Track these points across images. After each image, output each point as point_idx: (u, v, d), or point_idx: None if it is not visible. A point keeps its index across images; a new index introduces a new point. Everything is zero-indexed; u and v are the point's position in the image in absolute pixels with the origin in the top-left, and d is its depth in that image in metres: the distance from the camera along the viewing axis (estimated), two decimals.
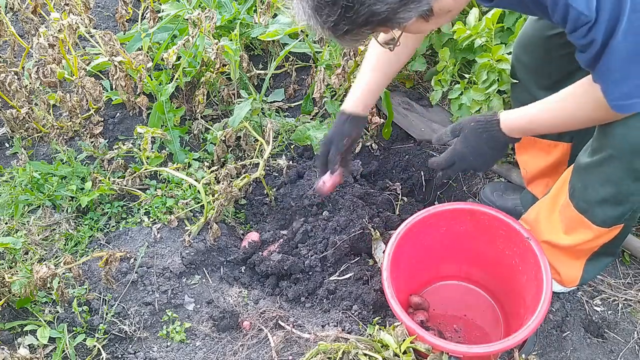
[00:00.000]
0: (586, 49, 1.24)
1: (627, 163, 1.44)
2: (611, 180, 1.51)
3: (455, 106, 2.23)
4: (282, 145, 2.42)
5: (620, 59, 1.18)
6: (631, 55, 1.17)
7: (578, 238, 1.69)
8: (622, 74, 1.21)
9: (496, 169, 2.32)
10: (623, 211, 1.58)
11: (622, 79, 1.22)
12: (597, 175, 1.53)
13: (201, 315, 1.87)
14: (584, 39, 1.21)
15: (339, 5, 1.13)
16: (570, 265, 1.79)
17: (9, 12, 2.52)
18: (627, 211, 1.58)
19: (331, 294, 1.92)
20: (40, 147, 2.38)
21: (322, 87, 2.35)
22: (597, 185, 1.55)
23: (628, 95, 1.24)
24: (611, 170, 1.49)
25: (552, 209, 1.77)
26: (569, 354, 1.82)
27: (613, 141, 1.43)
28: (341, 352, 1.57)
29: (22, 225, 2.06)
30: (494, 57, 1.93)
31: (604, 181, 1.52)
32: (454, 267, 1.95)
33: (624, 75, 1.21)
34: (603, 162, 1.49)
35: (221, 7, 2.60)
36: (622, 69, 1.20)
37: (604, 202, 1.56)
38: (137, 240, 2.02)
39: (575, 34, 1.22)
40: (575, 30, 1.21)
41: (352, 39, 1.23)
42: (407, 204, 2.25)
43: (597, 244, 1.71)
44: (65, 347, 1.74)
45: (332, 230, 2.02)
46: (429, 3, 1.20)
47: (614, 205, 1.56)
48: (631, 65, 1.19)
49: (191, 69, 2.39)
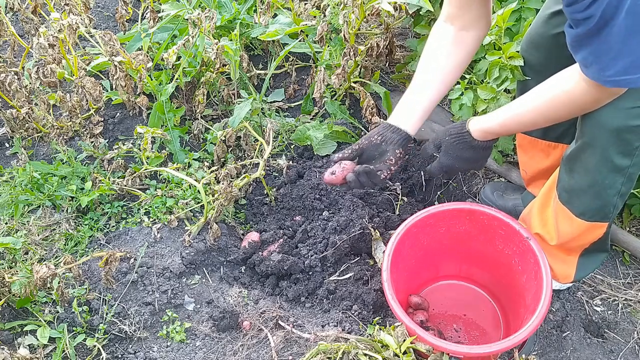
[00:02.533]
0: (579, 24, 1.22)
1: (603, 151, 1.48)
2: (588, 169, 1.54)
3: (456, 106, 2.23)
4: (282, 145, 2.42)
5: (620, 36, 1.18)
6: (629, 32, 1.18)
7: (563, 232, 1.71)
8: (619, 51, 1.21)
9: (496, 169, 2.32)
10: (601, 205, 1.60)
11: (618, 55, 1.22)
12: (577, 164, 1.57)
13: (201, 315, 1.87)
14: (581, 13, 1.20)
15: None
16: (563, 260, 1.80)
17: (9, 12, 2.52)
18: (605, 206, 1.60)
19: (331, 294, 1.92)
20: (40, 147, 2.38)
21: (322, 87, 2.35)
22: (576, 175, 1.58)
23: (623, 71, 1.24)
24: (588, 159, 1.52)
25: (545, 203, 1.78)
26: (569, 354, 1.82)
27: (589, 128, 1.47)
28: (341, 352, 1.57)
29: (22, 225, 2.06)
30: (506, 54, 1.93)
31: (582, 170, 1.56)
32: (453, 267, 1.96)
33: (621, 52, 1.21)
34: (581, 150, 1.53)
35: (221, 7, 2.60)
36: (620, 46, 1.20)
37: (582, 192, 1.59)
38: (137, 240, 2.02)
39: (574, 7, 1.21)
40: (574, 3, 1.20)
41: None
42: (407, 204, 2.25)
43: (585, 242, 1.72)
44: (65, 347, 1.74)
45: (332, 230, 2.02)
46: None
47: (592, 197, 1.59)
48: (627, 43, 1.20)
49: (191, 69, 2.39)
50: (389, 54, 2.52)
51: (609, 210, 1.62)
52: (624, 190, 1.58)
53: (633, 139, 1.45)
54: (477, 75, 2.15)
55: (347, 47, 2.33)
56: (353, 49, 2.34)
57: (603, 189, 1.56)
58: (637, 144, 1.46)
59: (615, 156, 1.48)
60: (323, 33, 2.38)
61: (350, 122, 2.44)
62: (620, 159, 1.49)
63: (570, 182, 1.62)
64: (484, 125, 1.57)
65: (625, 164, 1.50)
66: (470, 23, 1.63)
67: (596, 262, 1.85)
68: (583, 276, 1.87)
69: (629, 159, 1.50)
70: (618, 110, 1.40)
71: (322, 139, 2.36)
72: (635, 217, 2.12)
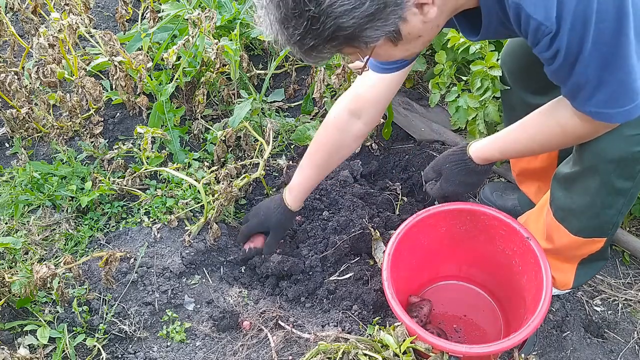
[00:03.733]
0: (552, 62, 1.22)
1: (603, 177, 1.46)
2: (587, 192, 1.52)
3: (453, 109, 2.24)
4: (282, 145, 2.43)
5: (594, 67, 1.18)
6: (604, 64, 1.17)
7: (559, 245, 1.71)
8: (598, 82, 1.21)
9: (496, 169, 2.32)
10: (600, 223, 1.60)
11: (598, 86, 1.21)
12: (575, 186, 1.55)
13: (201, 315, 1.87)
14: (547, 51, 1.20)
15: (305, 17, 1.08)
16: (562, 268, 1.80)
17: (9, 12, 2.52)
18: (603, 224, 1.60)
19: (331, 294, 1.92)
20: (40, 147, 2.38)
21: (322, 87, 2.35)
22: (575, 196, 1.57)
23: (603, 104, 1.24)
24: (588, 183, 1.51)
25: (540, 214, 1.78)
26: (569, 354, 1.82)
27: (590, 155, 1.45)
28: (341, 352, 1.57)
29: (22, 225, 2.06)
30: (488, 64, 1.94)
31: (581, 192, 1.54)
32: (453, 267, 1.96)
33: (600, 84, 1.21)
34: (580, 175, 1.51)
35: (221, 7, 2.60)
36: (597, 78, 1.20)
37: (580, 212, 1.58)
38: (137, 240, 2.02)
39: (539, 47, 1.21)
40: (538, 43, 1.20)
41: (318, 55, 1.18)
42: (407, 204, 2.25)
43: (582, 253, 1.72)
44: (65, 347, 1.74)
45: (332, 230, 2.02)
46: (395, 23, 1.14)
47: (590, 217, 1.58)
48: (602, 74, 1.19)
49: (191, 69, 2.38)
50: None
51: (608, 227, 1.61)
52: (625, 210, 1.57)
53: (634, 164, 1.43)
54: None
55: None
56: None
57: (602, 210, 1.55)
58: (639, 167, 1.44)
59: (617, 181, 1.46)
60: None
61: None
62: (622, 182, 1.47)
63: (566, 202, 1.60)
64: (486, 154, 1.59)
65: (627, 187, 1.48)
66: (371, 117, 1.74)
67: (595, 269, 1.86)
68: (581, 283, 1.88)
69: (630, 182, 1.47)
70: (618, 138, 1.37)
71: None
72: (635, 217, 2.12)
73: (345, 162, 2.28)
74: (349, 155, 1.88)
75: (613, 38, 1.13)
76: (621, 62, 1.16)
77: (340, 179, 2.20)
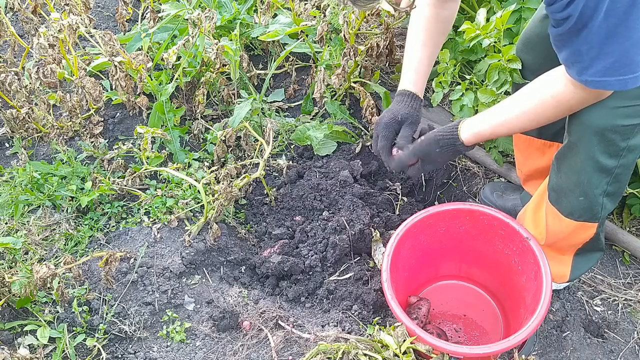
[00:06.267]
0: (560, 24, 1.26)
1: (587, 151, 1.48)
2: (574, 168, 1.55)
3: (457, 107, 2.23)
4: (282, 145, 2.42)
5: (600, 37, 1.21)
6: (609, 34, 1.20)
7: (552, 231, 1.72)
8: (599, 52, 1.24)
9: (496, 169, 2.32)
10: (589, 205, 1.60)
11: (598, 56, 1.24)
12: (563, 163, 1.58)
13: (201, 315, 1.87)
14: (560, 13, 1.23)
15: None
16: (558, 260, 1.80)
17: (9, 12, 2.52)
18: (593, 206, 1.60)
19: (331, 294, 1.92)
20: (40, 147, 2.38)
21: (322, 87, 2.35)
22: (563, 175, 1.59)
23: (602, 73, 1.27)
24: (574, 158, 1.53)
25: (539, 204, 1.78)
26: (569, 354, 1.82)
27: (575, 127, 1.48)
28: (341, 352, 1.57)
29: (22, 225, 2.06)
30: (505, 57, 1.93)
31: (568, 170, 1.57)
32: (453, 267, 1.96)
33: (600, 53, 1.24)
34: (568, 149, 1.54)
35: (221, 7, 2.60)
36: (600, 47, 1.23)
37: (569, 191, 1.60)
38: (137, 240, 2.02)
39: (553, 7, 1.24)
40: (553, 3, 1.23)
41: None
42: (407, 204, 2.25)
43: (575, 241, 1.73)
44: (65, 347, 1.74)
45: (332, 230, 2.02)
46: None
47: (579, 196, 1.59)
48: (607, 44, 1.22)
49: (191, 69, 2.39)
50: (389, 54, 2.52)
51: (597, 210, 1.62)
52: (611, 190, 1.58)
53: (618, 139, 1.44)
54: (477, 76, 2.14)
55: (347, 47, 2.33)
56: (353, 49, 2.33)
57: (589, 189, 1.56)
58: (623, 144, 1.45)
59: (600, 156, 1.48)
60: (323, 33, 2.38)
61: (350, 122, 2.44)
62: (606, 159, 1.48)
63: (558, 182, 1.63)
64: (476, 130, 1.58)
65: (611, 165, 1.50)
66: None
67: (591, 261, 1.85)
68: (578, 275, 1.87)
69: (615, 160, 1.49)
70: (603, 110, 1.40)
71: (322, 139, 2.36)
72: (635, 217, 2.12)
73: (345, 162, 2.28)
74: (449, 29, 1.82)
75: (625, 11, 1.16)
76: (629, 33, 1.19)
77: (340, 179, 2.20)
